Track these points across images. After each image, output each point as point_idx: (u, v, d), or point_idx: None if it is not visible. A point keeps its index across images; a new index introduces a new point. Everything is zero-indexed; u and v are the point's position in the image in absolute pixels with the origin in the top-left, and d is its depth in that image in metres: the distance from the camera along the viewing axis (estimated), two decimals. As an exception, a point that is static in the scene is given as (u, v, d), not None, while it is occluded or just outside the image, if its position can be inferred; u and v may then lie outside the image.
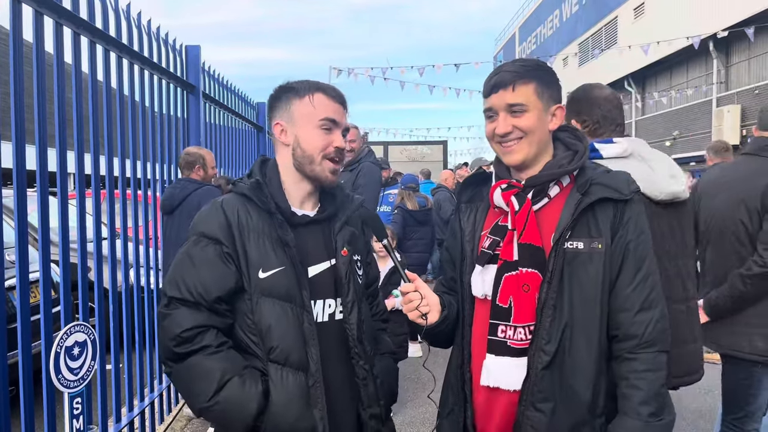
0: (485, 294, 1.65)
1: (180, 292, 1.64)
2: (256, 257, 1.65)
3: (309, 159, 1.72)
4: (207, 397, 1.59)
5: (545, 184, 1.63)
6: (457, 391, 1.72)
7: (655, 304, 1.58)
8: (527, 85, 1.60)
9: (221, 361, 1.60)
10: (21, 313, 2.37)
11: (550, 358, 1.56)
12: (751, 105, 18.22)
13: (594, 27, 28.74)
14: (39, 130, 2.53)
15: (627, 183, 1.62)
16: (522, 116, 1.60)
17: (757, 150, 2.79)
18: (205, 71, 4.95)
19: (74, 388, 2.34)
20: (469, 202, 1.79)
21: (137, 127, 3.72)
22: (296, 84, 1.77)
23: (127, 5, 3.47)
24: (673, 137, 22.52)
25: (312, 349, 1.65)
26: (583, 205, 1.57)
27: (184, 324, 1.61)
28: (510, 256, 1.60)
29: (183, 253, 1.71)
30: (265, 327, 1.64)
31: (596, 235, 1.57)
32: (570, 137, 1.72)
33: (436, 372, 1.91)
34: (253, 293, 1.65)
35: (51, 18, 2.66)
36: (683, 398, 4.77)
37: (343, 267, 1.73)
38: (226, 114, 5.82)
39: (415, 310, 1.63)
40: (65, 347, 2.30)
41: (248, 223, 1.68)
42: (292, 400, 1.62)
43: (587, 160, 1.66)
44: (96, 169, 3.10)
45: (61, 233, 2.73)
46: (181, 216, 4.06)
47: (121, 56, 3.41)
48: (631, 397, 1.54)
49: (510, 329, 1.60)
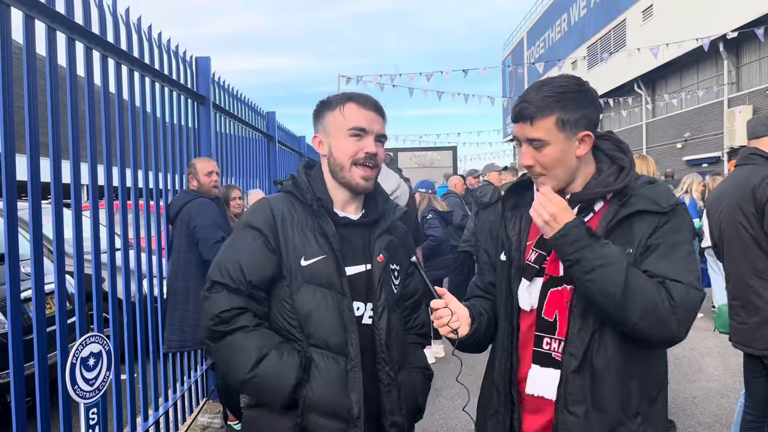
0: (532, 306, 1.67)
1: (222, 276, 1.72)
2: (299, 246, 1.73)
3: (340, 166, 1.78)
4: (247, 369, 1.65)
5: (590, 201, 1.62)
6: (504, 393, 1.72)
7: (689, 272, 1.52)
8: (547, 118, 1.57)
9: (258, 338, 1.67)
10: (36, 324, 2.40)
11: (579, 362, 1.57)
12: (763, 105, 18.08)
13: (602, 30, 28.65)
14: (53, 143, 2.56)
15: (666, 196, 1.60)
16: (542, 151, 1.59)
17: (744, 159, 3.01)
18: (215, 82, 4.98)
19: (90, 398, 2.35)
20: (513, 210, 1.78)
21: (149, 138, 3.76)
22: (331, 98, 1.84)
23: (138, 18, 3.51)
24: (684, 139, 22.37)
25: (352, 335, 1.70)
26: (618, 216, 1.56)
27: (223, 306, 1.69)
28: (556, 272, 1.62)
29: (229, 241, 1.81)
30: (305, 313, 1.70)
31: (630, 243, 1.56)
32: (613, 149, 1.69)
33: (472, 386, 1.89)
34: (295, 280, 1.71)
35: (63, 33, 2.69)
36: (700, 402, 4.72)
37: (378, 272, 1.77)
38: (237, 124, 5.85)
39: (445, 326, 1.65)
40: (81, 358, 2.31)
41: (293, 216, 1.76)
42: (332, 382, 1.67)
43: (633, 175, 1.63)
44: (109, 180, 3.13)
45: (75, 244, 2.76)
46: (181, 226, 4.09)
47: (133, 69, 3.44)
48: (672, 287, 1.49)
49: (555, 342, 1.62)
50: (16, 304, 2.28)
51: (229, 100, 5.53)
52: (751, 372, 3.02)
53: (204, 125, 4.79)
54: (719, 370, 5.51)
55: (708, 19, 19.63)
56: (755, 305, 2.86)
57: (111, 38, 3.14)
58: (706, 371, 5.50)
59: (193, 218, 4.01)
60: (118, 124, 3.27)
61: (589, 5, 30.37)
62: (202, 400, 4.61)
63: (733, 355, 5.63)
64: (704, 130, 21.33)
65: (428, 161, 15.85)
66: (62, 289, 2.58)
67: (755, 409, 3.02)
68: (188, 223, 4.03)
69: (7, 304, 2.26)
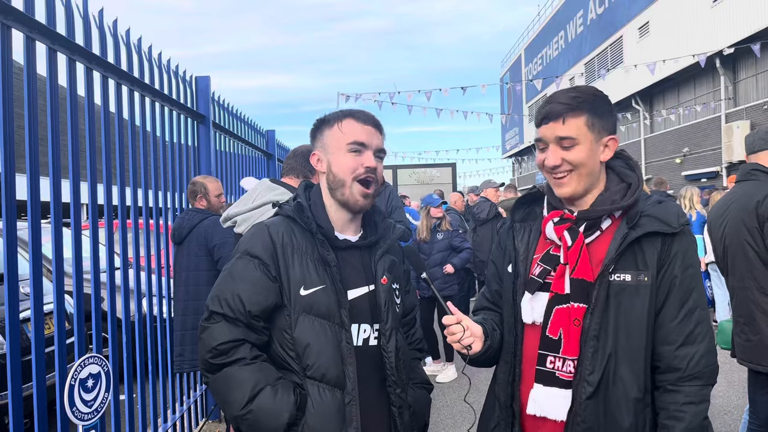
0: (534, 321, 1.66)
1: (220, 306, 1.68)
2: (298, 275, 1.69)
3: (340, 182, 1.74)
4: (240, 405, 1.62)
5: (598, 218, 1.63)
6: (505, 407, 1.71)
7: (700, 339, 1.56)
8: (578, 117, 1.58)
9: (255, 372, 1.64)
10: (35, 344, 2.38)
11: (594, 389, 1.55)
12: (760, 120, 18.16)
13: (599, 47, 28.87)
14: (53, 162, 2.56)
15: (677, 216, 1.60)
16: (572, 150, 1.59)
17: (745, 175, 3.02)
18: (214, 101, 5.01)
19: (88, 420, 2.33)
20: (522, 222, 1.79)
21: (149, 157, 3.77)
22: (329, 115, 1.82)
23: (138, 39, 3.53)
24: (683, 154, 22.43)
25: (349, 368, 1.67)
26: (629, 239, 1.56)
27: (221, 338, 1.65)
28: (562, 290, 1.61)
29: (226, 270, 1.75)
30: (303, 344, 1.67)
31: (643, 268, 1.57)
32: (623, 166, 1.70)
33: (476, 405, 1.90)
34: (293, 310, 1.68)
35: (64, 54, 2.71)
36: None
37: (383, 294, 1.75)
38: (236, 142, 5.87)
39: (458, 343, 1.64)
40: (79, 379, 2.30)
41: (292, 243, 1.72)
42: (328, 416, 1.64)
43: (640, 192, 1.64)
44: (108, 199, 3.13)
45: (75, 264, 2.75)
46: (190, 246, 4.08)
47: (133, 89, 3.46)
48: (671, 428, 1.53)
49: (559, 360, 1.61)
50: (15, 324, 2.27)
51: (229, 119, 5.55)
52: (757, 389, 3.00)
53: (204, 144, 4.81)
54: (722, 386, 5.47)
55: (704, 35, 19.79)
56: (760, 322, 2.85)
57: (111, 59, 3.16)
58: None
59: (211, 237, 4.00)
60: (118, 143, 3.28)
61: (585, 22, 30.64)
62: (202, 420, 4.57)
63: (736, 371, 5.60)
64: (702, 146, 21.40)
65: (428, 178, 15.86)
66: (61, 310, 2.57)
67: (760, 426, 2.99)
68: (205, 242, 4.01)
69: (6, 325, 2.25)
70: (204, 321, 1.71)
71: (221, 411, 4.20)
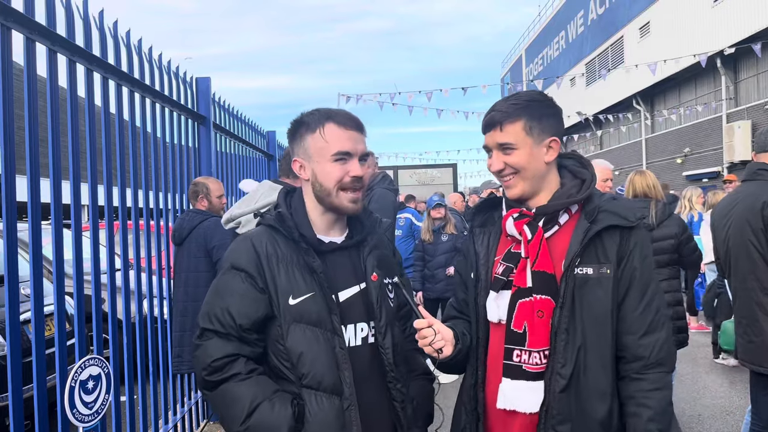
0: (500, 319, 1.71)
1: (211, 323, 1.68)
2: (285, 285, 1.68)
3: (327, 192, 1.72)
4: (239, 422, 1.62)
5: (555, 212, 1.69)
6: (470, 411, 1.76)
7: (660, 327, 1.65)
8: (515, 123, 1.66)
9: (251, 387, 1.63)
10: (36, 346, 2.38)
11: (567, 381, 1.61)
12: (761, 120, 18.14)
13: (600, 47, 28.86)
14: (53, 163, 2.56)
15: (633, 210, 1.68)
16: (512, 154, 1.68)
17: (752, 175, 2.99)
18: (215, 102, 5.01)
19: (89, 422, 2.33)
20: (482, 227, 1.84)
21: (149, 158, 3.77)
22: (307, 117, 1.76)
23: (138, 40, 3.53)
24: (684, 154, 22.41)
25: (345, 373, 1.66)
26: (591, 232, 1.64)
27: (215, 354, 1.65)
28: (524, 283, 1.66)
29: (214, 286, 1.74)
30: (296, 353, 1.66)
31: (604, 261, 1.64)
32: (576, 165, 1.79)
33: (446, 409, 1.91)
34: (284, 320, 1.67)
35: (64, 55, 2.71)
36: (705, 420, 4.67)
37: (375, 291, 1.74)
38: (237, 143, 5.87)
39: (428, 346, 1.66)
40: (80, 381, 2.30)
41: (277, 253, 1.71)
42: (328, 424, 1.63)
43: (594, 188, 1.72)
44: (109, 200, 3.12)
45: (75, 266, 2.75)
46: (190, 247, 4.08)
47: (133, 90, 3.46)
48: (640, 414, 1.59)
49: (525, 354, 1.65)
50: (16, 326, 2.26)
51: (230, 120, 5.55)
52: (759, 390, 2.99)
53: (204, 145, 4.81)
54: (724, 387, 5.46)
55: (705, 35, 19.77)
56: (763, 323, 2.84)
57: (112, 60, 3.15)
58: (711, 388, 5.46)
59: (211, 238, 4.00)
60: (118, 144, 3.28)
61: (586, 22, 30.63)
62: (203, 421, 4.56)
63: (738, 371, 5.60)
64: (704, 146, 21.38)
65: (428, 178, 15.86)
66: (62, 311, 2.56)
67: (762, 427, 2.98)
68: (205, 243, 4.01)
69: (6, 326, 2.25)
70: (197, 339, 1.71)
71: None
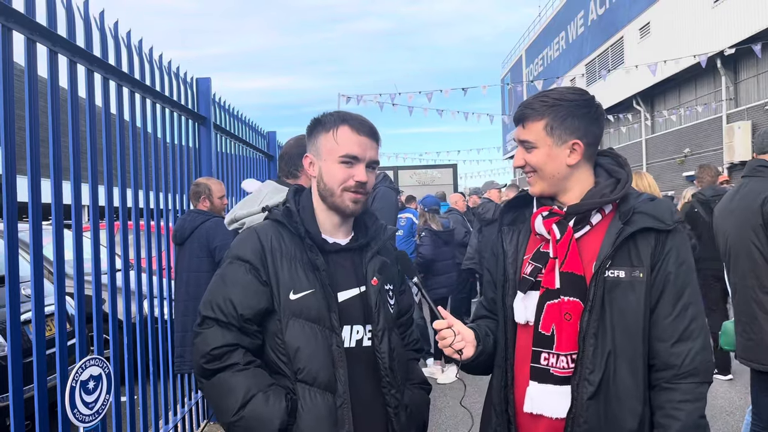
0: (527, 320, 1.66)
1: (213, 311, 1.69)
2: (287, 279, 1.69)
3: (330, 191, 1.74)
4: (232, 412, 1.62)
5: (587, 212, 1.63)
6: (500, 413, 1.71)
7: (695, 335, 1.56)
8: (537, 122, 1.64)
9: (247, 378, 1.64)
10: (36, 346, 2.38)
11: (595, 388, 1.55)
12: (761, 121, 18.14)
13: (600, 48, 28.86)
14: (54, 164, 2.56)
15: (670, 213, 1.60)
16: (531, 152, 1.66)
17: (752, 171, 3.01)
18: (215, 103, 5.01)
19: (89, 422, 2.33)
20: (511, 225, 1.80)
21: (150, 158, 3.77)
22: (325, 117, 1.79)
23: (139, 41, 3.53)
24: (684, 155, 22.41)
25: (340, 371, 1.67)
26: (624, 234, 1.56)
27: (214, 342, 1.66)
28: (552, 284, 1.60)
29: (218, 275, 1.76)
30: (293, 348, 1.67)
31: (637, 264, 1.57)
32: (612, 163, 1.72)
33: (474, 408, 1.90)
34: (283, 314, 1.68)
35: (65, 56, 2.71)
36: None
37: (374, 296, 1.74)
38: (237, 144, 5.87)
39: (449, 347, 1.63)
40: (80, 381, 2.30)
41: (281, 248, 1.72)
42: (320, 420, 1.64)
43: (630, 188, 1.65)
44: (110, 200, 3.12)
45: (76, 266, 2.75)
46: (191, 247, 4.08)
47: (134, 91, 3.46)
48: (668, 426, 1.53)
49: (553, 357, 1.60)
50: (16, 326, 2.27)
51: (230, 121, 5.55)
52: (760, 389, 2.99)
53: (205, 145, 4.81)
54: (724, 386, 5.46)
55: (705, 35, 19.78)
56: (762, 321, 2.84)
57: (112, 60, 3.16)
58: (711, 388, 5.43)
59: (213, 238, 4.00)
60: (119, 145, 3.28)
61: (586, 23, 30.63)
62: (203, 422, 4.56)
63: (739, 371, 5.59)
64: (704, 146, 21.38)
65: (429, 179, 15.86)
66: (62, 311, 2.56)
67: (763, 427, 2.98)
68: (207, 243, 4.02)
69: (7, 327, 2.25)
70: (197, 326, 1.72)
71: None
